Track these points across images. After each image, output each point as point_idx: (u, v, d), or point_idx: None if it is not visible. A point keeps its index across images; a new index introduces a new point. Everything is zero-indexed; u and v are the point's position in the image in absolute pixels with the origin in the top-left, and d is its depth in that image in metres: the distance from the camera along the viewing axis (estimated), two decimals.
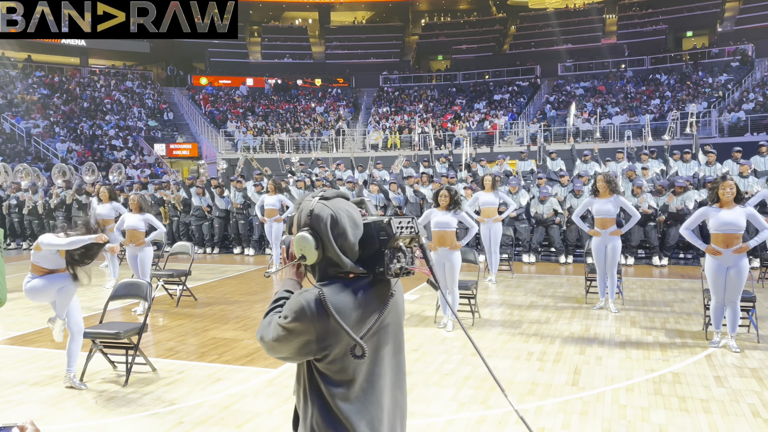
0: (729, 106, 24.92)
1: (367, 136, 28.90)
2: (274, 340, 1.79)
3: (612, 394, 4.68)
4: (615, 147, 18.29)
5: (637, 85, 30.01)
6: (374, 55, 38.58)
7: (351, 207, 1.86)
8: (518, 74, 34.44)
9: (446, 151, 18.07)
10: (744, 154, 12.02)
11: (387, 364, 1.86)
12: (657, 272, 10.29)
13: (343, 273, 1.82)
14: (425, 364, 5.53)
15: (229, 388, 4.99)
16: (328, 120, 30.90)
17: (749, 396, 4.56)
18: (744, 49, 29.85)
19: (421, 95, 33.85)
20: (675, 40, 35.90)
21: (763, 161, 11.77)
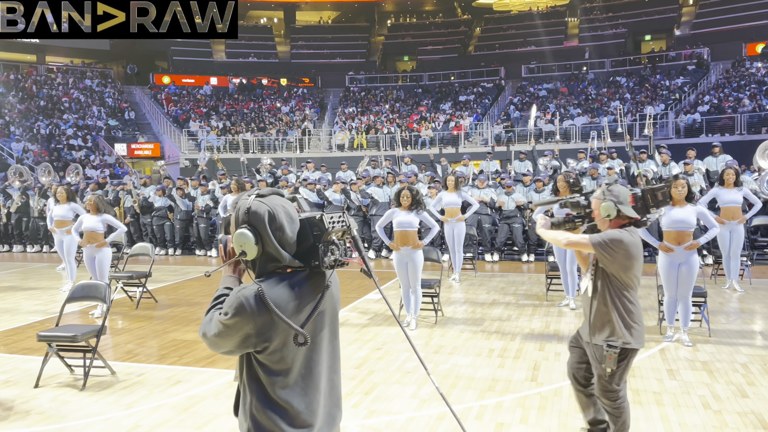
0: (685, 108, 25.66)
1: (333, 136, 28.83)
2: (215, 336, 1.87)
3: (569, 389, 4.77)
4: (576, 148, 18.65)
5: (599, 87, 30.65)
6: (340, 55, 38.53)
7: (286, 203, 1.95)
8: (483, 75, 34.82)
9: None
10: (698, 154, 12.39)
11: (324, 350, 1.97)
12: None
13: (281, 268, 1.90)
14: (387, 362, 5.55)
15: (188, 390, 4.93)
16: (293, 120, 30.72)
17: (700, 388, 4.71)
18: (700, 53, 30.78)
19: (387, 96, 33.93)
20: (634, 43, 36.79)
21: (715, 161, 12.16)
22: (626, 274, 3.29)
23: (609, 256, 3.25)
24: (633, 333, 3.31)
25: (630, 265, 3.27)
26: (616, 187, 3.33)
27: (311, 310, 1.89)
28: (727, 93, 25.53)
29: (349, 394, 4.73)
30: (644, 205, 3.32)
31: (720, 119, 23.05)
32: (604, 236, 3.28)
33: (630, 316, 3.32)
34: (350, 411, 4.41)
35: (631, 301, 3.34)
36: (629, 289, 3.33)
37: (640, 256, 3.31)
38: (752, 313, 7.09)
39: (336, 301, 2.06)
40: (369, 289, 9.06)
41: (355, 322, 7.12)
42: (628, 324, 3.31)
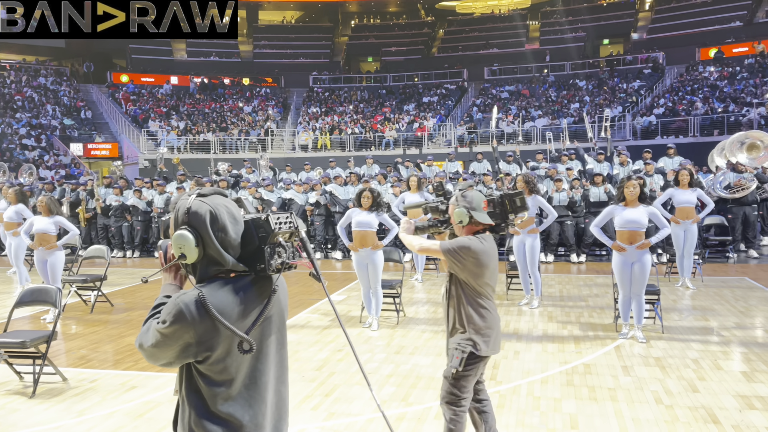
0: (641, 110, 26.33)
1: (296, 136, 28.64)
2: (153, 347, 1.75)
3: (527, 387, 4.83)
4: (537, 149, 18.94)
5: (559, 89, 31.21)
6: (304, 55, 38.32)
7: (230, 203, 1.85)
8: (446, 77, 35.09)
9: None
10: (654, 155, 12.71)
11: (271, 359, 1.87)
12: (575, 269, 10.72)
13: (224, 272, 1.80)
14: (348, 364, 5.53)
15: (143, 396, 4.81)
16: (256, 120, 30.40)
17: (653, 384, 4.82)
18: (655, 57, 31.64)
19: (351, 96, 33.89)
20: (593, 47, 37.58)
21: (671, 162, 12.50)
22: (476, 281, 3.19)
23: (458, 263, 3.16)
24: (485, 340, 3.21)
25: (480, 273, 3.17)
26: (470, 193, 3.24)
27: (257, 316, 1.79)
28: (682, 96, 26.30)
29: (309, 397, 4.69)
30: (502, 211, 3.23)
31: (674, 122, 23.73)
32: (454, 243, 3.19)
33: (483, 322, 3.22)
34: (309, 413, 4.37)
35: (484, 307, 3.24)
36: (482, 297, 3.24)
37: (492, 264, 3.22)
38: (704, 310, 7.30)
39: (284, 306, 1.96)
40: (330, 290, 9.02)
41: (317, 324, 7.07)
42: (480, 330, 3.21)
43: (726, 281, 9.06)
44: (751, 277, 9.24)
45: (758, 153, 10.04)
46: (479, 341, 3.20)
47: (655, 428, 3.99)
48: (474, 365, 3.22)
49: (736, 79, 26.67)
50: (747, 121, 21.63)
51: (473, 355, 3.20)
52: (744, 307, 7.37)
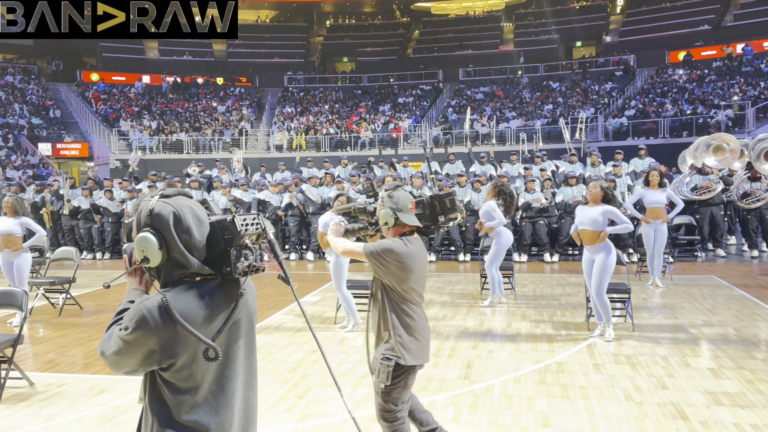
0: (613, 112, 26.73)
1: (271, 136, 28.45)
2: (115, 354, 1.69)
3: (501, 386, 4.86)
4: (511, 150, 19.11)
5: (533, 91, 31.54)
6: (278, 55, 38.10)
7: (194, 204, 1.79)
8: (422, 78, 35.22)
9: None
10: (625, 156, 12.91)
11: (239, 365, 1.83)
12: (548, 268, 10.83)
13: (189, 276, 1.75)
14: (322, 365, 5.50)
15: (113, 400, 4.73)
16: (230, 120, 30.12)
17: (623, 381, 4.89)
18: (627, 59, 32.18)
19: (327, 96, 33.79)
20: (566, 49, 38.07)
21: (641, 163, 12.71)
22: (401, 285, 3.06)
23: (381, 266, 3.04)
24: (409, 350, 3.07)
25: (404, 277, 3.05)
26: (397, 193, 3.12)
27: (223, 321, 1.73)
28: (652, 98, 26.77)
29: (283, 398, 4.65)
30: (432, 213, 3.13)
31: (645, 123, 24.15)
32: (377, 246, 3.06)
33: (408, 330, 3.09)
34: (283, 415, 4.34)
35: (409, 315, 3.11)
36: (407, 302, 3.11)
37: (418, 268, 3.09)
38: (673, 308, 7.43)
39: (252, 310, 1.91)
40: (305, 292, 8.97)
41: (290, 326, 7.02)
42: (404, 340, 3.07)
43: (694, 280, 9.24)
44: (718, 276, 9.44)
45: (724, 155, 10.27)
46: (404, 351, 3.06)
47: (625, 425, 4.05)
48: (402, 376, 3.09)
49: (704, 81, 27.25)
50: (715, 123, 22.11)
51: (399, 366, 3.05)
52: (712, 305, 7.52)
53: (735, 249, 12.15)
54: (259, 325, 7.02)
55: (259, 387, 1.96)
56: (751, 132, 20.51)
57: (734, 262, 10.82)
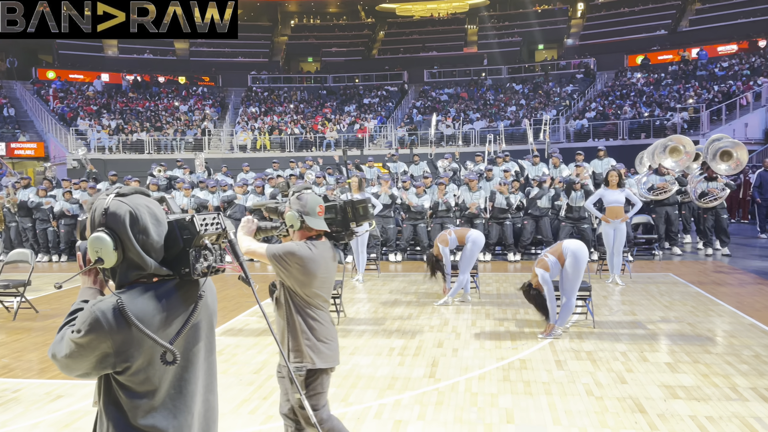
0: (574, 114, 27.28)
1: (235, 136, 28.13)
2: (67, 357, 1.63)
3: (465, 383, 4.91)
4: (475, 150, 19.31)
5: (496, 92, 31.94)
6: (242, 54, 37.70)
7: (152, 203, 1.74)
8: (387, 79, 35.31)
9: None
10: (586, 157, 13.18)
11: (198, 367, 1.78)
12: (511, 267, 10.98)
13: (146, 277, 1.69)
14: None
15: (70, 405, 4.60)
16: (192, 119, 29.65)
17: (584, 377, 4.99)
18: (587, 62, 32.87)
19: (291, 96, 33.59)
20: (528, 52, 38.69)
21: (601, 164, 12.98)
22: (303, 290, 3.02)
23: (283, 269, 2.99)
24: (318, 353, 3.03)
25: (307, 282, 3.00)
26: (305, 196, 3.06)
27: (182, 323, 1.69)
28: (611, 101, 27.41)
29: (247, 400, 4.60)
30: (344, 218, 3.09)
31: (605, 125, 24.71)
32: (281, 248, 3.01)
33: (315, 333, 3.04)
34: (247, 417, 4.29)
35: (315, 319, 3.06)
36: (312, 307, 3.06)
37: (322, 273, 3.04)
38: (632, 305, 7.62)
39: (212, 312, 1.86)
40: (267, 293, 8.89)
41: (255, 327, 6.95)
42: (312, 343, 3.03)
43: (652, 277, 9.48)
44: (675, 273, 9.71)
45: (680, 156, 10.58)
46: (313, 355, 3.02)
47: (586, 419, 4.13)
48: (317, 381, 3.05)
49: (661, 85, 28.03)
50: (671, 125, 22.76)
51: (310, 372, 3.02)
52: (668, 302, 7.73)
53: (690, 247, 12.52)
54: (222, 327, 6.93)
55: (223, 389, 1.93)
56: (705, 134, 21.17)
57: (689, 260, 11.14)
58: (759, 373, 4.94)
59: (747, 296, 7.95)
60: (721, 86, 25.36)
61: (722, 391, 4.56)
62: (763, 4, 31.21)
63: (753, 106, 23.14)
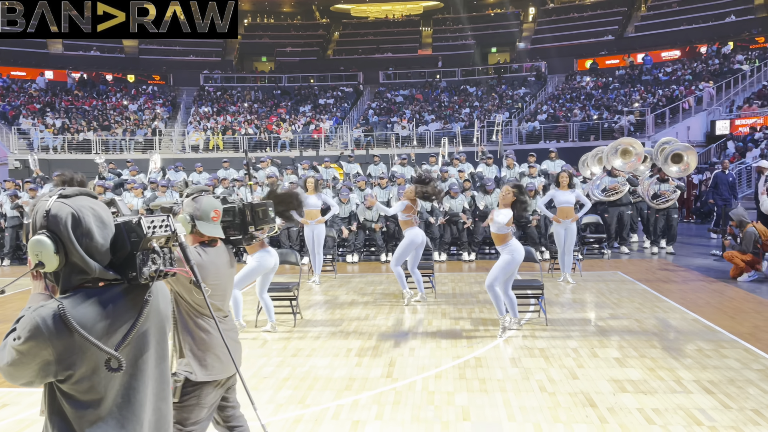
0: (527, 116, 27.85)
1: (187, 136, 27.57)
2: (9, 365, 1.57)
3: (422, 382, 4.95)
4: (430, 152, 19.49)
5: (451, 95, 32.30)
6: (194, 53, 36.98)
7: (97, 205, 1.68)
8: (342, 80, 35.25)
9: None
10: (538, 159, 13.47)
11: (148, 375, 1.73)
12: (466, 267, 11.13)
13: (90, 281, 1.64)
14: (243, 369, 5.39)
15: (17, 414, 4.43)
16: (142, 119, 28.92)
17: (538, 373, 5.11)
18: (539, 66, 33.60)
19: (245, 96, 33.15)
20: (482, 55, 39.24)
21: (553, 165, 13.30)
22: (190, 296, 2.86)
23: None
24: (203, 364, 2.85)
25: (193, 288, 2.83)
26: (202, 198, 2.94)
27: (128, 329, 1.63)
28: (562, 103, 28.11)
29: None
30: (243, 222, 2.98)
31: (556, 127, 25.32)
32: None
33: (200, 344, 2.87)
34: None
35: (203, 328, 2.88)
36: (201, 316, 2.88)
37: (212, 279, 2.88)
38: (583, 303, 7.84)
39: (164, 317, 1.81)
40: None
41: None
42: (197, 353, 2.86)
43: (602, 275, 9.77)
44: (623, 272, 10.03)
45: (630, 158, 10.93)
46: (196, 366, 2.85)
47: (540, 414, 4.23)
48: (193, 393, 2.85)
49: (609, 88, 28.90)
50: (618, 127, 23.50)
51: (189, 382, 2.84)
52: (617, 299, 7.99)
53: (637, 246, 12.95)
54: None
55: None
56: (650, 136, 21.95)
57: (636, 259, 11.53)
58: (702, 366, 5.16)
59: (690, 293, 8.28)
60: (665, 90, 26.33)
61: (667, 384, 4.75)
62: (703, 12, 32.59)
63: (695, 110, 24.13)
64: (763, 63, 25.86)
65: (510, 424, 4.09)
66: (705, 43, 30.56)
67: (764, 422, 3.99)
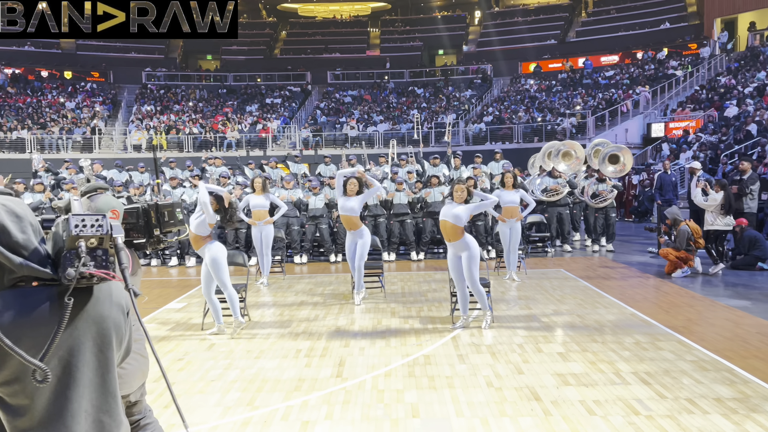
0: (473, 118, 28.32)
1: (128, 135, 26.75)
2: None
3: (372, 381, 4.98)
4: (379, 152, 19.56)
5: (399, 96, 32.51)
6: (135, 50, 35.90)
7: (11, 200, 1.61)
8: (290, 79, 34.96)
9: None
10: (484, 160, 13.73)
11: (85, 385, 1.63)
12: (414, 266, 11.23)
13: (23, 279, 1.55)
14: (189, 372, 5.29)
15: None
16: (81, 117, 27.89)
17: (485, 369, 5.21)
18: (484, 68, 34.22)
19: (190, 95, 32.44)
20: (429, 56, 39.69)
21: (497, 166, 13.57)
22: None
23: None
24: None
25: None
26: (99, 197, 2.83)
27: (53, 335, 1.52)
28: (507, 105, 28.72)
29: None
30: (147, 224, 2.82)
31: (501, 129, 25.85)
32: None
33: None
34: None
35: None
36: None
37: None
38: (527, 300, 8.04)
39: (109, 324, 1.68)
40: (169, 298, 8.56)
41: (154, 334, 6.66)
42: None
43: (545, 273, 10.04)
44: (565, 269, 10.34)
45: (571, 160, 11.29)
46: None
47: (487, 409, 4.32)
48: None
49: (552, 91, 29.72)
50: (561, 129, 24.20)
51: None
52: (560, 296, 8.23)
53: (579, 244, 13.38)
54: None
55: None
56: (591, 138, 22.65)
57: (579, 256, 11.91)
58: (639, 358, 5.38)
59: (629, 288, 8.62)
60: (604, 94, 27.28)
61: (607, 377, 4.93)
62: (640, 19, 33.94)
63: (632, 113, 25.11)
64: (695, 68, 27.14)
65: (458, 420, 4.16)
66: (641, 49, 31.82)
67: (697, 410, 4.20)
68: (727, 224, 9.27)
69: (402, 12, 42.38)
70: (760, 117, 19.12)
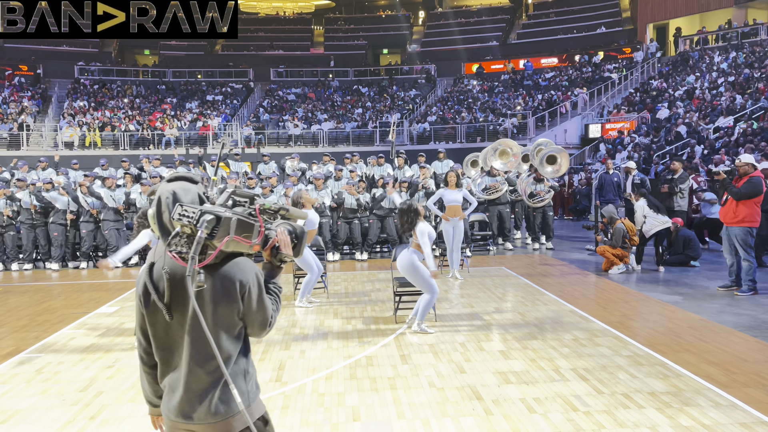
0: (417, 117, 28.46)
1: (59, 132, 25.54)
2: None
3: (312, 385, 4.85)
4: (323, 151, 19.36)
5: (343, 94, 32.34)
6: (67, 43, 34.33)
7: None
8: (231, 76, 34.24)
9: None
10: (427, 159, 13.77)
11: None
12: (359, 266, 11.14)
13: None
14: (119, 381, 5.02)
15: None
16: (7, 112, 26.44)
17: (427, 369, 5.17)
18: (428, 68, 34.46)
19: (126, 91, 31.28)
20: (374, 56, 39.69)
21: (440, 165, 13.64)
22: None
23: None
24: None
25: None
26: None
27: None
28: (450, 105, 29.00)
29: (70, 422, 4.15)
30: None
31: (445, 129, 26.07)
32: None
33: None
34: None
35: None
36: None
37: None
38: (470, 298, 8.07)
39: (210, 295, 1.97)
40: (101, 302, 8.17)
41: (81, 341, 6.32)
42: None
43: (487, 271, 10.14)
44: (507, 267, 10.47)
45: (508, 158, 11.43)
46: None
47: (429, 410, 4.27)
48: None
49: (494, 92, 30.21)
50: (503, 129, 24.62)
51: None
52: (502, 293, 8.31)
53: (520, 242, 13.60)
54: (43, 342, 6.22)
55: (42, 412, 1.66)
56: (532, 138, 23.16)
57: (520, 254, 12.09)
58: (578, 354, 5.46)
59: (568, 285, 8.79)
60: (544, 95, 27.92)
61: (547, 374, 4.97)
62: (577, 23, 34.96)
63: (571, 114, 25.81)
64: (629, 72, 28.15)
65: (399, 422, 4.09)
66: (579, 52, 32.78)
67: (633, 405, 4.28)
68: (665, 222, 9.55)
69: (346, 10, 42.19)
70: (689, 119, 19.98)
